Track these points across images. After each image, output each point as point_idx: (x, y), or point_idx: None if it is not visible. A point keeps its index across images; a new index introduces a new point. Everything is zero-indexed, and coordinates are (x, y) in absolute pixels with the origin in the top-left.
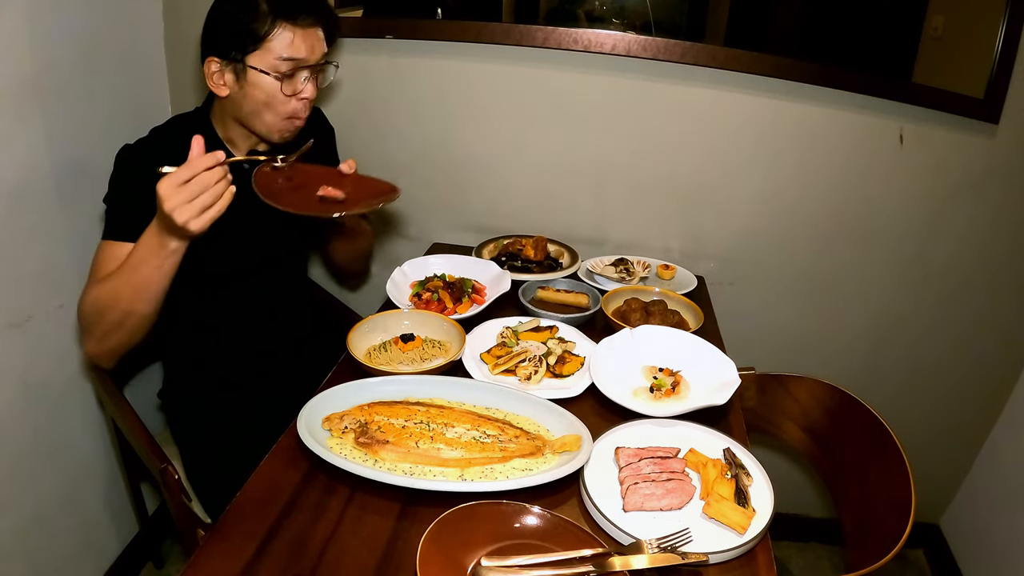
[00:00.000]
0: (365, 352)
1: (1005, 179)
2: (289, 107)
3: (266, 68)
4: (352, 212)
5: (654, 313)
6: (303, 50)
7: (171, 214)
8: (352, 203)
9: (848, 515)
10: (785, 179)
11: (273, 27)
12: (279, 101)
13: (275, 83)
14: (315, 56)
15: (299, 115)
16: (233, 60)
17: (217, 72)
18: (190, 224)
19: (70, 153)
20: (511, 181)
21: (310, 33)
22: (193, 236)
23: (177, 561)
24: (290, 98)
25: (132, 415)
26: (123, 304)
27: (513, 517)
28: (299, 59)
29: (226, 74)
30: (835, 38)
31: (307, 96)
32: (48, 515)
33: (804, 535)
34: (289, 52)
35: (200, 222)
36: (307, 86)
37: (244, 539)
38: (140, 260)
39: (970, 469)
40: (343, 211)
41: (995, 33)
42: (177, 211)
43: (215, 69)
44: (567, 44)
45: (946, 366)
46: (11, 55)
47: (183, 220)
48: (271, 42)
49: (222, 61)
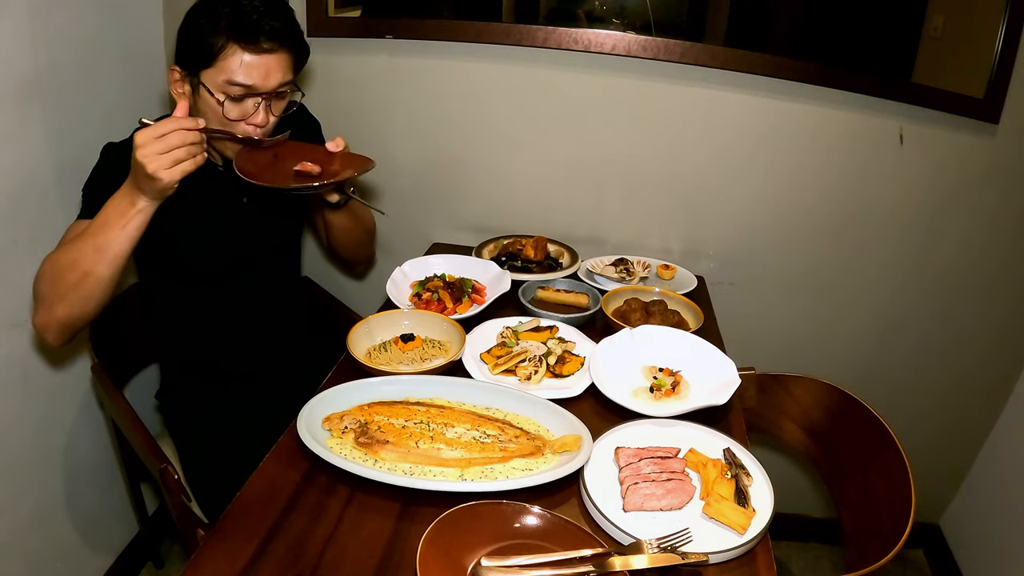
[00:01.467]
0: (365, 352)
1: (1005, 179)
2: (238, 128)
3: (213, 89)
4: (327, 183)
5: (654, 313)
6: (254, 77)
7: (143, 161)
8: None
9: (848, 515)
10: (785, 179)
11: (226, 47)
12: (226, 124)
13: (216, 100)
14: (269, 84)
15: (249, 135)
16: (190, 73)
17: (178, 81)
18: (160, 173)
19: (70, 153)
20: (511, 181)
21: (267, 60)
22: (161, 193)
23: (177, 561)
24: (237, 122)
25: (131, 415)
26: (83, 265)
27: (513, 517)
28: (248, 86)
29: (185, 84)
30: (835, 38)
31: (258, 123)
32: (48, 515)
33: (804, 535)
34: (238, 77)
35: (171, 173)
36: (258, 113)
37: (244, 539)
38: (105, 220)
39: (970, 469)
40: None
41: (995, 33)
42: (150, 159)
43: (176, 77)
44: (567, 44)
45: (946, 366)
46: (11, 55)
47: (154, 168)
48: (222, 62)
49: (182, 71)
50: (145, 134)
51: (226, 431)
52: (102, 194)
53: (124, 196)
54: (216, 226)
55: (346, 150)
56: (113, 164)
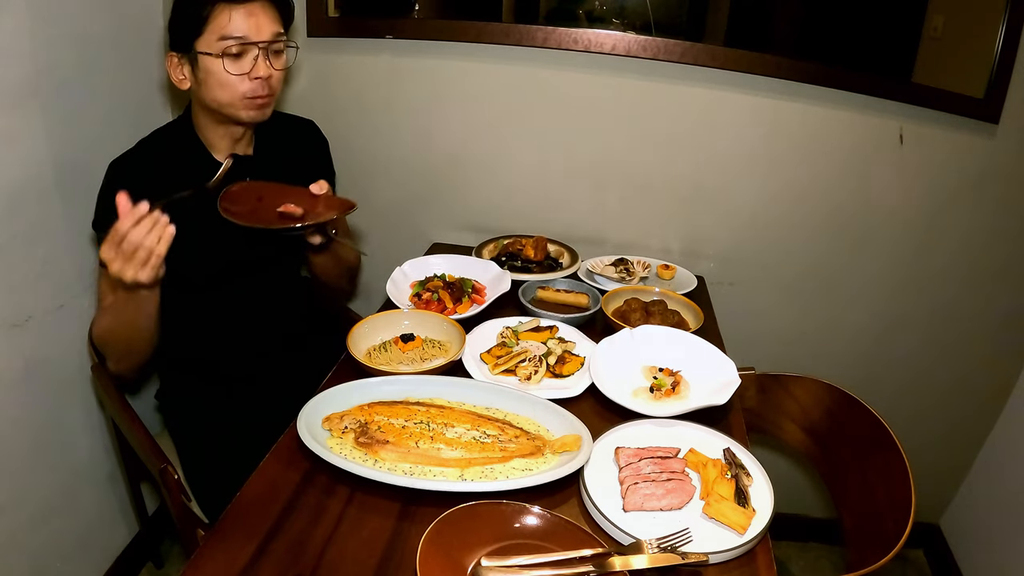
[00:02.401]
0: (365, 352)
1: (1005, 179)
2: (244, 87)
3: (211, 50)
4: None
5: (654, 313)
6: (244, 28)
7: (120, 275)
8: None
9: (848, 515)
10: (785, 179)
11: (213, 8)
12: (231, 82)
13: (217, 61)
14: (263, 35)
15: (257, 93)
16: (185, 50)
17: (177, 66)
18: (139, 278)
19: (70, 153)
20: (511, 181)
21: (253, 9)
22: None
23: (177, 561)
24: (243, 77)
25: (132, 415)
26: (122, 335)
27: (513, 517)
28: (240, 37)
29: (184, 66)
30: (835, 38)
31: (260, 75)
32: (48, 515)
33: (804, 535)
34: (229, 30)
35: (147, 273)
36: (259, 64)
37: (244, 539)
38: (122, 303)
39: (970, 469)
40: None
41: (995, 33)
42: (122, 271)
43: (175, 63)
44: (567, 44)
45: (946, 365)
46: (11, 55)
47: (131, 277)
48: (212, 23)
49: (178, 54)
50: (106, 249)
51: (226, 431)
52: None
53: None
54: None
55: (328, 192)
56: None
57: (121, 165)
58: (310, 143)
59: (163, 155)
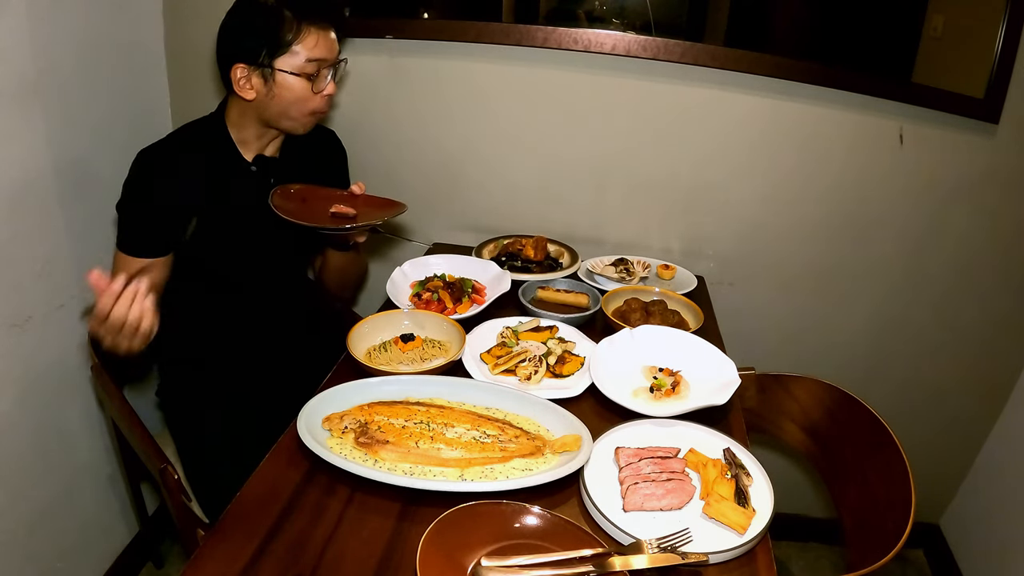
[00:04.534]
0: (365, 352)
1: (1004, 179)
2: (314, 103)
3: (295, 70)
4: (361, 225)
5: (654, 313)
6: (325, 51)
7: (113, 348)
8: (361, 219)
9: (848, 515)
10: (785, 179)
11: (299, 32)
12: (307, 99)
13: (304, 83)
14: (334, 55)
15: (323, 109)
16: (261, 65)
17: (244, 77)
18: (133, 347)
19: (70, 153)
20: (511, 181)
21: (330, 33)
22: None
23: (177, 561)
24: (316, 95)
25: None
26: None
27: (513, 517)
28: (323, 59)
29: (253, 78)
30: (835, 38)
31: (330, 92)
32: (48, 515)
33: (804, 535)
34: (315, 54)
35: (139, 341)
36: (330, 83)
37: (244, 539)
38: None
39: (970, 469)
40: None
41: (995, 33)
42: (115, 345)
43: (241, 75)
44: (567, 44)
45: (946, 365)
46: (11, 55)
47: (125, 348)
48: (298, 45)
49: (249, 66)
50: (94, 326)
51: (227, 431)
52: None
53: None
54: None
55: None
56: (149, 179)
57: (149, 155)
58: (330, 151)
59: (192, 149)
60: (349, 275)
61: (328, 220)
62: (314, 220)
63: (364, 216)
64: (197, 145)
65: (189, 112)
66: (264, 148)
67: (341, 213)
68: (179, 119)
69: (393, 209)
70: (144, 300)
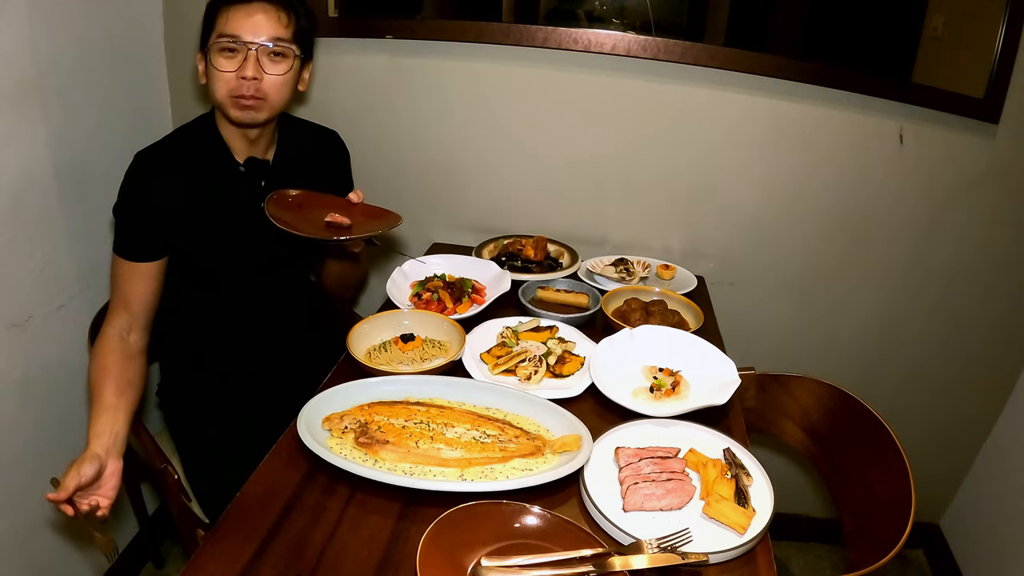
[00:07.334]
0: (365, 352)
1: (1005, 179)
2: (232, 84)
3: (211, 51)
4: (354, 237)
5: (654, 313)
6: (238, 27)
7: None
8: (356, 229)
9: (848, 515)
10: (785, 179)
11: (219, 7)
12: (221, 78)
13: (216, 58)
14: (258, 35)
15: (241, 92)
16: (203, 49)
17: (201, 68)
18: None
19: (70, 153)
20: (511, 181)
21: (252, 10)
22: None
23: (177, 561)
24: (231, 74)
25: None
26: None
27: (513, 517)
28: (233, 35)
29: (202, 64)
30: (835, 38)
31: (247, 75)
32: (48, 515)
33: (804, 535)
34: (226, 29)
35: (103, 513)
36: (247, 64)
37: (244, 539)
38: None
39: (970, 469)
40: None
41: (995, 33)
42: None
43: (200, 66)
44: (567, 44)
45: (946, 365)
46: (11, 55)
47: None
48: (217, 21)
49: (202, 55)
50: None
51: (226, 431)
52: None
53: None
54: (238, 233)
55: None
56: (143, 181)
57: (146, 156)
58: (331, 153)
59: (187, 151)
60: (348, 280)
61: (322, 229)
62: (308, 228)
63: (359, 226)
64: (191, 146)
65: (189, 112)
66: (252, 149)
67: (336, 222)
68: (179, 119)
69: (387, 221)
70: (93, 498)
